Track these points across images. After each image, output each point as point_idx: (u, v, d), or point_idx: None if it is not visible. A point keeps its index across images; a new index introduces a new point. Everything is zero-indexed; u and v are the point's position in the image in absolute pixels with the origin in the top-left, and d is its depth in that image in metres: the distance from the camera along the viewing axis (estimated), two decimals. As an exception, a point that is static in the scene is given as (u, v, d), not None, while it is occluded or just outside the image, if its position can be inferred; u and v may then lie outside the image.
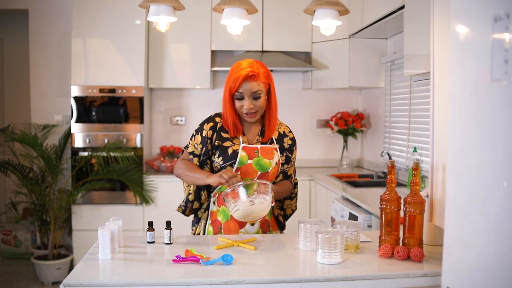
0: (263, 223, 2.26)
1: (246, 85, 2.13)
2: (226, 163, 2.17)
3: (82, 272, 1.72)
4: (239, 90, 2.14)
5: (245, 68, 2.14)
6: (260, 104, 2.18)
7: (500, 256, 1.21)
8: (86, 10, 4.38)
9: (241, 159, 2.17)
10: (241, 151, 2.18)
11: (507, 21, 1.17)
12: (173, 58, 4.62)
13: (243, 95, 2.15)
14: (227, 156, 2.18)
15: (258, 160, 2.19)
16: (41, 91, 4.85)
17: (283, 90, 5.07)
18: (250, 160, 2.18)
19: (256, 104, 2.16)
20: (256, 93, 2.15)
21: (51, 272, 4.24)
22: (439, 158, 1.75)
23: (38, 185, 4.34)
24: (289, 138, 2.32)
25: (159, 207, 4.40)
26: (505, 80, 1.18)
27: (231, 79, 2.15)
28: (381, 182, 4.09)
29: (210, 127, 2.23)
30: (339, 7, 2.34)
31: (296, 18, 4.58)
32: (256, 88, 2.14)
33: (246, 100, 2.15)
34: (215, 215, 2.26)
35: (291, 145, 2.31)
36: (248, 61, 2.17)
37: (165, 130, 5.01)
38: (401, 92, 4.11)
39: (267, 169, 2.20)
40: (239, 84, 2.12)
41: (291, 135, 2.34)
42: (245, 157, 2.18)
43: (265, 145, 2.24)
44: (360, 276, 1.69)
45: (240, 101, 2.16)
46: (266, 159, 2.20)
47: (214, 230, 2.25)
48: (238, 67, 2.15)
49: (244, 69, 2.13)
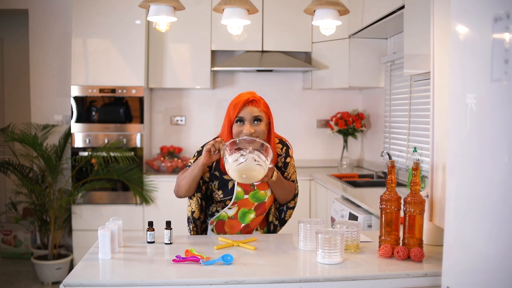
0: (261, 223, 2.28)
1: (247, 109, 2.08)
2: (225, 197, 2.17)
3: (82, 272, 1.72)
4: (240, 115, 2.09)
5: (246, 94, 2.13)
6: (261, 129, 2.10)
7: (500, 256, 1.21)
8: (86, 10, 4.38)
9: (237, 194, 2.17)
10: (236, 186, 2.16)
11: (507, 21, 1.17)
12: (173, 58, 4.62)
13: (243, 119, 2.09)
14: (227, 190, 2.17)
15: (254, 193, 2.19)
16: (41, 91, 4.85)
17: (283, 90, 5.08)
18: (246, 195, 2.18)
19: (256, 129, 2.08)
20: (257, 117, 2.09)
21: (51, 272, 4.24)
22: (439, 158, 1.75)
23: (38, 185, 4.34)
24: (281, 156, 2.26)
25: (159, 207, 4.40)
26: (505, 80, 1.18)
27: (232, 106, 2.11)
28: (381, 182, 4.09)
29: None
30: (339, 7, 2.34)
31: (296, 18, 4.58)
32: (257, 113, 2.09)
33: (246, 125, 2.08)
34: None
35: (285, 161, 2.27)
36: (249, 91, 2.17)
37: (165, 130, 5.01)
38: (401, 92, 4.11)
39: (263, 200, 2.20)
40: (240, 108, 2.08)
41: (284, 149, 2.26)
42: (241, 193, 2.17)
43: None
44: (360, 276, 1.69)
45: (240, 126, 2.09)
46: (262, 190, 2.20)
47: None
48: (239, 95, 2.14)
49: (245, 95, 2.12)
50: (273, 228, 2.35)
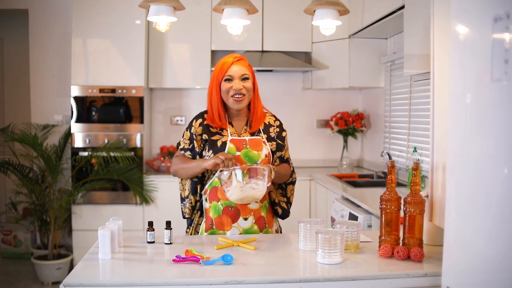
0: (258, 219, 2.24)
1: (236, 67, 2.19)
2: None
3: (82, 272, 1.72)
4: (228, 73, 2.19)
5: (231, 56, 2.24)
6: (248, 86, 2.21)
7: (500, 256, 1.21)
8: (86, 10, 4.38)
9: (229, 151, 2.19)
10: (229, 143, 2.21)
11: (507, 21, 1.17)
12: (173, 58, 4.62)
13: (232, 78, 2.19)
14: (217, 148, 2.21)
15: (246, 151, 2.21)
16: (41, 91, 4.85)
17: (283, 90, 5.08)
18: (238, 152, 2.20)
19: (244, 85, 2.19)
20: (244, 75, 2.20)
21: (51, 272, 4.24)
22: (439, 158, 1.75)
23: (38, 185, 4.34)
24: (275, 126, 2.34)
25: (159, 207, 4.40)
26: (505, 80, 1.18)
27: (219, 67, 2.22)
28: (381, 182, 4.09)
29: (199, 123, 2.26)
30: (339, 7, 2.34)
31: (296, 18, 4.58)
32: (244, 71, 2.21)
33: (235, 81, 2.18)
34: (207, 212, 2.26)
35: (279, 132, 2.33)
36: (233, 54, 2.28)
37: (165, 130, 5.01)
38: (401, 92, 4.11)
39: (256, 161, 2.21)
40: (229, 67, 2.19)
41: (277, 123, 2.36)
42: (233, 149, 2.20)
43: (253, 136, 2.26)
44: (360, 276, 1.69)
45: (229, 82, 2.19)
46: (255, 150, 2.23)
47: (206, 227, 2.25)
48: (224, 58, 2.25)
49: (231, 56, 2.23)
50: (282, 212, 2.35)
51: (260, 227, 2.26)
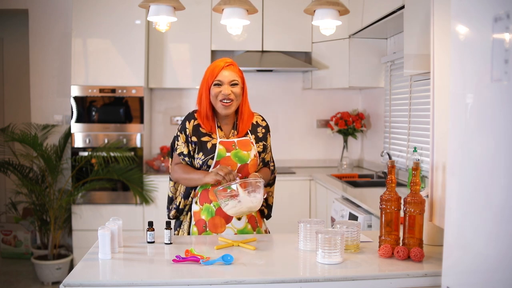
0: (250, 218, 2.28)
1: (225, 72, 2.21)
2: (206, 158, 2.21)
3: (82, 272, 1.72)
4: (218, 78, 2.21)
5: (222, 60, 2.26)
6: (237, 92, 2.23)
7: (500, 256, 1.21)
8: (86, 10, 4.38)
9: (219, 152, 2.22)
10: (218, 145, 2.23)
11: (507, 21, 1.17)
12: (173, 58, 4.62)
13: (221, 82, 2.21)
14: (207, 150, 2.23)
15: (236, 152, 2.24)
16: (41, 91, 4.85)
17: (283, 90, 5.08)
18: (228, 153, 2.23)
19: (233, 90, 2.21)
20: (233, 81, 2.22)
21: (51, 272, 4.24)
22: (439, 158, 1.75)
23: (38, 185, 4.34)
24: (262, 127, 2.37)
25: (159, 207, 4.40)
26: (505, 80, 1.18)
27: (209, 71, 2.24)
28: (381, 182, 4.09)
29: (192, 125, 2.27)
30: (339, 7, 2.34)
31: (296, 18, 4.58)
32: (234, 77, 2.23)
33: (224, 86, 2.20)
34: (198, 214, 2.26)
35: (265, 133, 2.37)
36: (224, 58, 2.31)
37: (165, 130, 5.01)
38: (401, 92, 4.11)
39: (246, 161, 2.24)
40: (218, 72, 2.21)
41: (263, 123, 2.39)
42: (223, 151, 2.23)
43: (241, 138, 2.29)
44: (360, 276, 1.69)
45: (218, 87, 2.21)
46: (244, 151, 2.25)
47: (198, 230, 2.25)
48: (215, 61, 2.28)
49: (222, 61, 2.25)
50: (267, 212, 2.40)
51: (253, 227, 2.29)
